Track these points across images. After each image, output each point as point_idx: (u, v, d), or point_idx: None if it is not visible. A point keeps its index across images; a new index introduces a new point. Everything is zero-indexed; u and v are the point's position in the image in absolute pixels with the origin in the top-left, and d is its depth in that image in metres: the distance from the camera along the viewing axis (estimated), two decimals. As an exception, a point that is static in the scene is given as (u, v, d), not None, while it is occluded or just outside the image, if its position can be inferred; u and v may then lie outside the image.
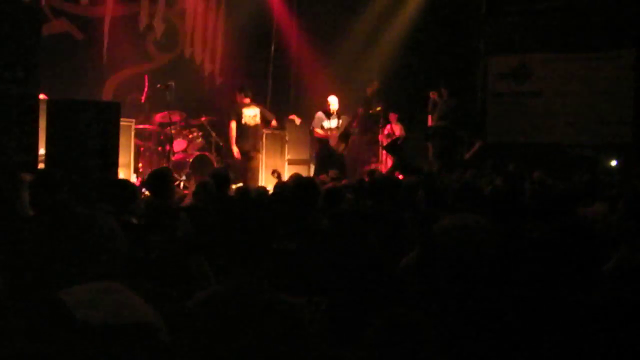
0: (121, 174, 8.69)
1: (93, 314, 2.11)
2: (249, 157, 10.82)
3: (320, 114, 11.28)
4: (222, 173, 6.99)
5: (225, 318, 2.48)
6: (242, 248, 2.64)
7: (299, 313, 2.57)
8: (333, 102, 11.21)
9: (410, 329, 2.14)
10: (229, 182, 6.96)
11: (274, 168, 10.84)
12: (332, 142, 11.13)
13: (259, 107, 11.06)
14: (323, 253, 3.71)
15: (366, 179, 8.53)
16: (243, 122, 10.69)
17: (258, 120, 10.84)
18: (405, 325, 2.15)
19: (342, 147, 11.22)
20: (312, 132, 11.52)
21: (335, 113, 11.18)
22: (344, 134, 11.21)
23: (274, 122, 11.22)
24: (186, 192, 9.44)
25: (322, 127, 11.25)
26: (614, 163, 13.42)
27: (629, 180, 9.73)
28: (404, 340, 2.12)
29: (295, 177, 7.26)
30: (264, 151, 11.59)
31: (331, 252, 3.68)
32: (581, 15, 14.03)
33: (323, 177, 8.97)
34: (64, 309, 2.04)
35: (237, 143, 10.71)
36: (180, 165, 10.83)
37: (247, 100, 10.84)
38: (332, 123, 11.19)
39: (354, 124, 11.85)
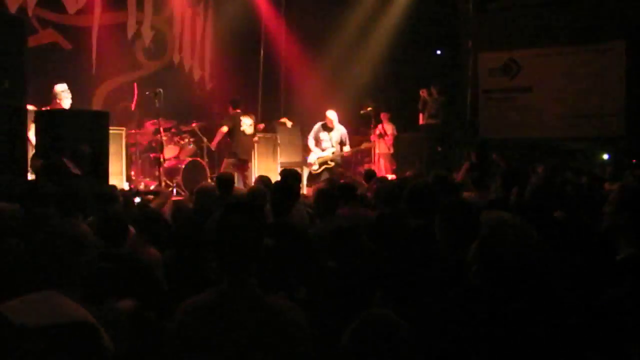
0: (113, 182, 8.64)
1: (28, 319, 2.23)
2: (246, 164, 10.88)
3: (319, 125, 10.87)
4: (225, 177, 6.96)
5: (215, 325, 2.45)
6: (233, 253, 2.59)
7: (294, 316, 2.54)
8: (332, 117, 10.75)
9: (386, 330, 2.12)
10: (232, 186, 6.92)
11: (264, 172, 10.75)
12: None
13: (252, 117, 11.09)
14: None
15: (362, 180, 8.42)
16: (242, 129, 10.69)
17: (252, 130, 10.88)
18: (381, 327, 2.12)
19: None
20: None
21: (334, 128, 10.74)
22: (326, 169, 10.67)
23: (260, 126, 11.21)
24: (180, 197, 9.39)
25: (317, 139, 10.83)
26: (605, 156, 13.43)
27: (621, 172, 9.74)
28: (380, 341, 2.09)
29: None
30: (256, 155, 11.60)
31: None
32: (569, 8, 14.04)
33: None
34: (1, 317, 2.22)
35: (235, 149, 10.74)
36: (172, 172, 10.79)
37: (239, 112, 10.91)
38: (333, 136, 10.74)
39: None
